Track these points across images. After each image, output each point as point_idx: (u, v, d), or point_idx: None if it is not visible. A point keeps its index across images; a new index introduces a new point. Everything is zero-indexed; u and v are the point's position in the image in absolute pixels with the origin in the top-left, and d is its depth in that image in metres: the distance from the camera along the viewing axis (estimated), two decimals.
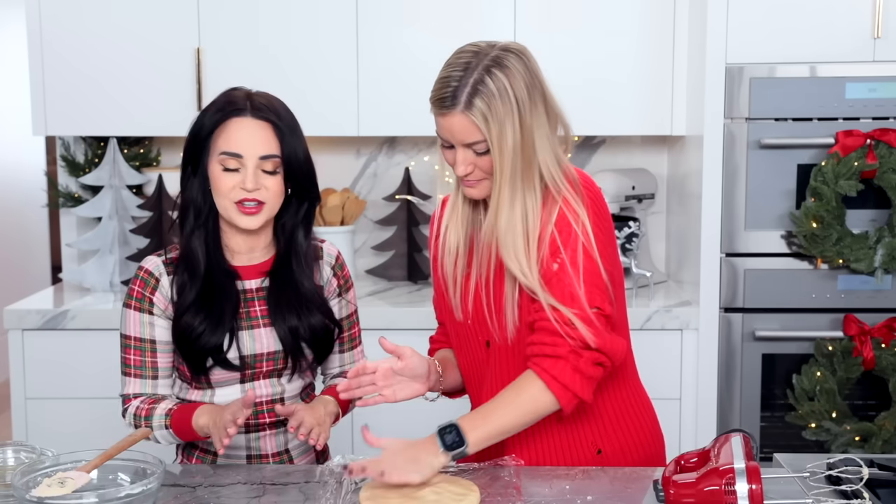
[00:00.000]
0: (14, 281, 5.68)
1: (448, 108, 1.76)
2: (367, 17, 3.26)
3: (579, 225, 1.80)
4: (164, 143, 3.61)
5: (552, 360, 1.76)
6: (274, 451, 2.04)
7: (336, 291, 2.09)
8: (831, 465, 1.76)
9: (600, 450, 1.93)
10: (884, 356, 3.00)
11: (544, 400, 1.77)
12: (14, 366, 3.11)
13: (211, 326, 1.94)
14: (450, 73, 1.78)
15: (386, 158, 3.64)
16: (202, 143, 1.94)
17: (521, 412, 1.77)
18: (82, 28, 3.27)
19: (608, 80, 3.29)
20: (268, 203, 1.93)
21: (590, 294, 1.78)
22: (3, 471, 1.76)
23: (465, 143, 1.78)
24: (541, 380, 1.76)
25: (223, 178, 1.91)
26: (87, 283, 3.36)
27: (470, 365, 1.99)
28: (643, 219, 3.47)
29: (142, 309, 1.97)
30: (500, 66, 1.76)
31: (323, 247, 2.09)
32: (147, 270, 1.98)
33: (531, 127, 1.77)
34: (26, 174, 5.72)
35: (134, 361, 1.98)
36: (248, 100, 1.94)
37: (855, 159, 2.93)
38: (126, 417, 1.98)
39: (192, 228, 1.97)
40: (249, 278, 2.00)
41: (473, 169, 1.81)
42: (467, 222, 1.91)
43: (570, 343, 1.75)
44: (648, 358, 3.10)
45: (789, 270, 3.06)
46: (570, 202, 1.82)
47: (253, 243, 2.01)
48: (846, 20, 3.00)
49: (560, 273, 1.78)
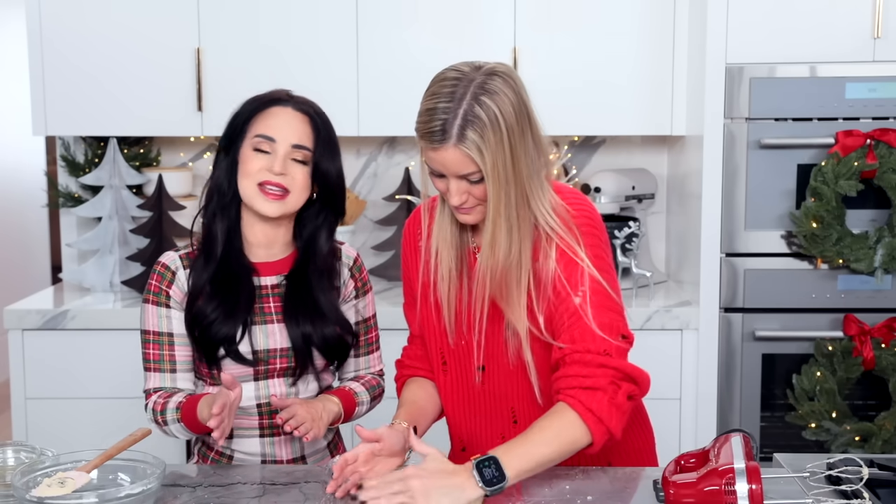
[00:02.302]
0: (14, 281, 5.68)
1: (439, 143, 1.69)
2: (367, 17, 3.26)
3: (579, 258, 1.76)
4: (164, 143, 3.61)
5: (589, 392, 1.70)
6: (289, 458, 2.02)
7: (353, 294, 2.08)
8: (831, 465, 1.76)
9: (610, 462, 1.92)
10: (884, 356, 3.00)
11: (578, 433, 1.70)
12: (14, 366, 3.11)
13: (224, 315, 1.93)
14: (436, 103, 1.70)
15: (386, 158, 3.64)
16: (239, 128, 1.96)
17: (559, 443, 1.69)
18: (82, 28, 3.27)
19: (608, 80, 3.28)
20: (292, 192, 1.93)
21: (616, 323, 1.76)
22: (3, 471, 1.76)
23: (458, 174, 1.72)
24: (576, 412, 1.69)
25: (252, 160, 1.92)
26: (87, 283, 3.35)
27: (461, 386, 1.94)
28: (643, 219, 3.47)
29: (159, 303, 1.97)
30: (489, 92, 1.69)
31: (342, 248, 2.08)
32: (163, 264, 1.99)
33: (519, 153, 1.71)
34: (26, 174, 5.72)
35: (153, 356, 1.99)
36: (290, 95, 1.99)
37: (855, 159, 2.93)
38: (147, 412, 1.98)
39: (215, 212, 1.98)
40: (266, 274, 2.00)
41: (468, 197, 1.75)
42: (457, 244, 1.86)
43: (608, 375, 1.71)
44: (648, 358, 3.09)
45: (789, 270, 3.06)
46: (564, 237, 1.77)
47: (272, 237, 2.00)
48: (846, 20, 3.00)
49: (583, 306, 1.74)
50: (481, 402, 1.91)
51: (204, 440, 2.06)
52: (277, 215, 1.94)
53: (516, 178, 1.72)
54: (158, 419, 1.95)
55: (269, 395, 1.98)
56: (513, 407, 1.89)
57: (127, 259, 3.32)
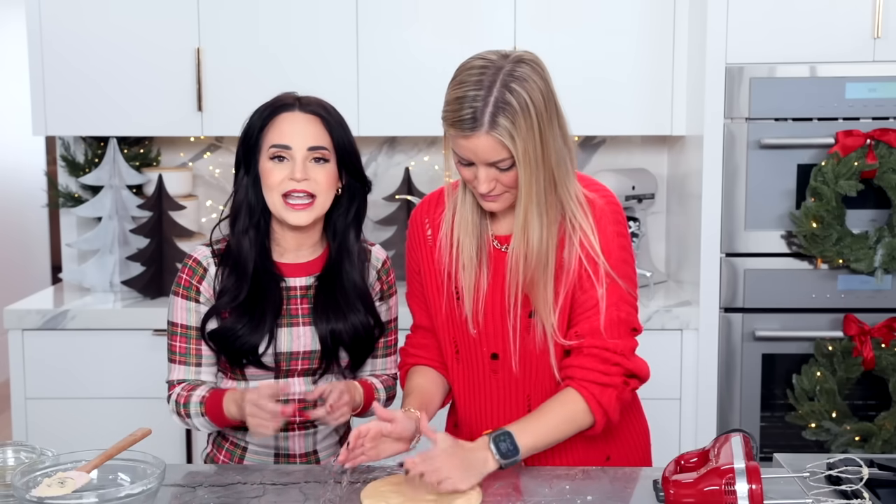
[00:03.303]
0: (14, 281, 5.68)
1: (470, 130, 1.71)
2: (367, 17, 3.26)
3: (596, 251, 1.82)
4: (164, 143, 3.61)
5: (601, 387, 1.82)
6: (302, 452, 2.05)
7: (378, 296, 2.09)
8: (831, 465, 1.77)
9: (609, 457, 1.95)
10: (884, 356, 3.00)
11: (585, 420, 1.83)
12: (14, 366, 3.11)
13: (250, 329, 1.95)
14: (465, 91, 1.71)
15: (386, 158, 3.64)
16: (253, 142, 1.96)
17: (566, 428, 1.83)
18: (82, 28, 3.27)
19: (608, 79, 3.28)
20: (318, 197, 1.93)
21: (630, 317, 1.85)
22: (3, 471, 1.76)
23: (489, 161, 1.74)
24: (586, 403, 1.82)
25: (273, 172, 1.93)
26: (87, 283, 3.35)
27: (471, 376, 1.96)
28: (643, 219, 3.47)
29: (188, 297, 1.99)
30: (518, 78, 1.71)
31: (372, 250, 2.09)
32: (196, 259, 2.00)
33: (548, 139, 1.75)
34: (26, 174, 5.72)
35: (179, 349, 2.00)
36: (297, 99, 1.98)
37: (855, 159, 2.93)
38: (169, 403, 2.00)
39: (245, 229, 1.98)
40: (295, 276, 2.01)
41: (496, 185, 1.77)
42: (478, 232, 1.88)
43: (621, 373, 1.83)
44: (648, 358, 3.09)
45: (789, 270, 3.06)
46: (586, 227, 1.82)
47: (302, 241, 2.01)
48: (846, 20, 3.00)
49: (604, 298, 1.82)
50: (495, 391, 1.94)
51: (220, 430, 2.07)
52: (308, 223, 1.95)
53: (545, 164, 1.76)
54: (182, 411, 1.97)
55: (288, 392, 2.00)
56: (529, 394, 1.91)
57: (127, 259, 3.32)
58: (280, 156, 1.92)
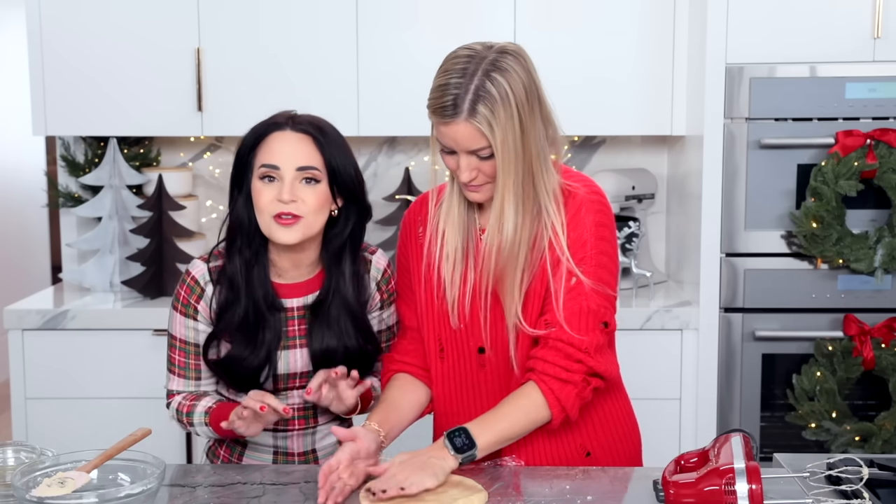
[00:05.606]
0: (14, 281, 5.68)
1: (450, 117, 1.74)
2: (367, 17, 3.26)
3: (577, 238, 1.83)
4: (164, 143, 3.61)
5: (561, 383, 1.81)
6: (300, 451, 2.05)
7: (378, 306, 2.07)
8: (831, 465, 1.77)
9: (589, 452, 1.94)
10: (884, 356, 3.00)
11: (542, 414, 1.83)
12: (14, 366, 3.11)
13: (248, 355, 1.95)
14: (448, 79, 1.75)
15: (386, 158, 3.64)
16: (245, 161, 1.94)
17: (525, 422, 1.82)
18: (82, 28, 3.26)
19: (608, 79, 3.28)
20: (305, 217, 1.89)
21: (602, 309, 1.84)
22: (3, 471, 1.76)
23: (469, 150, 1.77)
24: (544, 397, 1.81)
25: (262, 192, 1.90)
26: (87, 283, 3.35)
27: (458, 373, 1.96)
28: (643, 219, 3.47)
29: (187, 314, 1.99)
30: (500, 69, 1.75)
31: (372, 259, 2.06)
32: (194, 278, 1.98)
33: (529, 130, 1.77)
34: (26, 174, 5.71)
35: (179, 362, 2.01)
36: (290, 118, 1.94)
37: (855, 159, 2.93)
38: (170, 410, 2.02)
39: (239, 249, 1.96)
40: (292, 296, 1.99)
41: (477, 174, 1.80)
42: (464, 225, 1.89)
43: (583, 371, 1.82)
44: (648, 358, 3.11)
45: (789, 270, 3.06)
46: (556, 221, 1.82)
47: (297, 260, 1.98)
48: (846, 20, 3.00)
49: (577, 289, 1.82)
50: (482, 386, 1.94)
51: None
52: (296, 241, 1.91)
53: (525, 155, 1.77)
54: (184, 420, 1.99)
55: (286, 402, 2.00)
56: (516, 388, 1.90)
57: (127, 259, 3.32)
58: (269, 175, 1.89)
